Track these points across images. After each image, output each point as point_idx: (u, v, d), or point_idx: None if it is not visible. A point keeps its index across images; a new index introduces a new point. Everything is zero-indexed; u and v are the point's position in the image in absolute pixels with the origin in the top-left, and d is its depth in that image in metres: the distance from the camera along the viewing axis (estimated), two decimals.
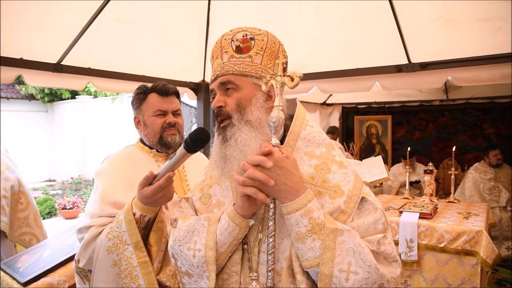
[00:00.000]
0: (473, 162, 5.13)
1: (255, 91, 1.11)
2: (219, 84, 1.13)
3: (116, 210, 1.45)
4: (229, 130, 1.10)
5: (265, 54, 1.12)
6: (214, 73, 1.16)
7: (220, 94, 1.13)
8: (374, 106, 6.81)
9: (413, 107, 6.56)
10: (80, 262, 1.45)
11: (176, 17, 3.13)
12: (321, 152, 1.12)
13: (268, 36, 1.14)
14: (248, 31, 1.13)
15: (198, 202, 1.24)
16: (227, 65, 1.12)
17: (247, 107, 1.10)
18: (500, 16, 2.50)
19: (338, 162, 1.11)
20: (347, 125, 7.23)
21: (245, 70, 1.10)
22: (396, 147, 6.85)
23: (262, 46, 1.11)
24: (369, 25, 2.98)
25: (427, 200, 3.66)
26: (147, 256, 1.34)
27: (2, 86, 12.68)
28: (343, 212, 1.04)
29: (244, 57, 1.11)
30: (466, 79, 2.90)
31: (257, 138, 1.08)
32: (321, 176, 1.08)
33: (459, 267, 2.78)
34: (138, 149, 1.72)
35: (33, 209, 2.73)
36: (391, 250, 1.02)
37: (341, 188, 1.06)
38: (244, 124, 1.09)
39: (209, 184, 1.25)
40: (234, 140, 1.08)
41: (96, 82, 3.18)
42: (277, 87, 1.03)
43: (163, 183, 1.23)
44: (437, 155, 6.51)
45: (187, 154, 1.19)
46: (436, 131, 6.57)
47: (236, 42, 1.11)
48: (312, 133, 1.14)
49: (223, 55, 1.13)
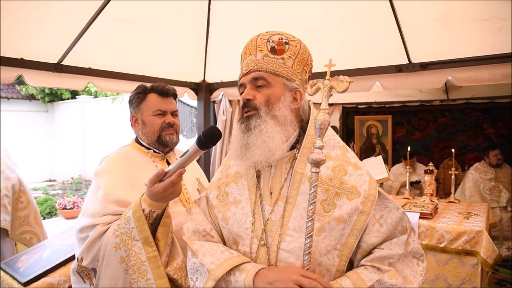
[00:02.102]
0: (473, 162, 5.12)
1: (284, 91, 1.17)
2: (251, 78, 1.18)
3: (119, 208, 1.47)
4: (254, 120, 1.15)
5: (296, 59, 1.18)
6: (246, 68, 1.20)
7: (251, 88, 1.18)
8: (374, 106, 6.81)
9: (413, 107, 6.55)
10: (84, 261, 1.46)
11: (176, 17, 3.13)
12: (337, 154, 1.18)
13: (301, 44, 1.20)
14: (283, 35, 1.19)
15: (215, 200, 1.29)
16: (261, 62, 1.17)
17: (275, 104, 1.15)
18: (500, 16, 2.50)
19: (353, 164, 1.16)
20: (347, 125, 7.22)
21: (278, 70, 1.16)
22: (396, 147, 6.84)
23: (295, 51, 1.18)
24: (369, 25, 2.98)
25: (427, 200, 3.66)
26: (156, 251, 1.37)
27: (2, 86, 12.67)
28: (362, 213, 1.08)
29: (277, 58, 1.17)
30: (466, 79, 2.89)
31: (280, 133, 1.14)
32: (338, 177, 1.13)
33: (460, 267, 2.77)
34: (134, 149, 1.74)
35: (33, 208, 2.74)
36: (418, 246, 1.12)
37: (358, 189, 1.10)
38: (270, 118, 1.14)
39: (225, 182, 1.29)
40: (259, 130, 1.13)
41: (96, 82, 3.18)
42: (324, 90, 1.07)
43: (175, 179, 1.26)
44: (437, 155, 6.50)
45: (199, 151, 1.23)
46: (436, 131, 6.57)
47: (272, 43, 1.17)
48: (327, 136, 1.19)
49: (257, 52, 1.18)
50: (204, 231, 1.26)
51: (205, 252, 1.16)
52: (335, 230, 1.08)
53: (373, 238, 1.10)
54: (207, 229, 1.26)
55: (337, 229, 1.08)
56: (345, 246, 1.09)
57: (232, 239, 1.22)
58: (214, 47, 3.61)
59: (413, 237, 1.10)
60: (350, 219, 1.08)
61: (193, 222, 1.28)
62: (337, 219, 1.08)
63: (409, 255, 1.09)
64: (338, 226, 1.08)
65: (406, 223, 1.10)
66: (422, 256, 1.12)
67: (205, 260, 1.13)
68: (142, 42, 3.23)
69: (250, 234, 1.17)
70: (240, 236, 1.19)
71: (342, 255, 1.09)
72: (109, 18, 2.77)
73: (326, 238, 1.08)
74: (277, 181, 1.18)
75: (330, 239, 1.08)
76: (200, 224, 1.27)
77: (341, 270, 1.10)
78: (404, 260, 1.09)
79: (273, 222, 1.14)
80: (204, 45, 3.57)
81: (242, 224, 1.19)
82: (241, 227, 1.19)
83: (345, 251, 1.09)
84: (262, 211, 1.17)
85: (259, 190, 1.21)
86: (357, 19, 2.98)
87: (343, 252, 1.09)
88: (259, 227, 1.16)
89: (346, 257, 1.09)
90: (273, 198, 1.18)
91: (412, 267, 1.09)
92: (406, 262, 1.09)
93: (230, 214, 1.23)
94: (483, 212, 3.27)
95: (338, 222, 1.08)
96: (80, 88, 3.15)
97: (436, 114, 6.55)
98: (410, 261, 1.10)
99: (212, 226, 1.28)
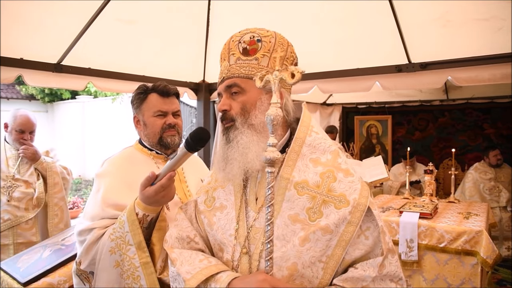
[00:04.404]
0: (473, 162, 5.13)
1: (260, 95, 1.11)
2: (225, 87, 1.13)
3: (117, 211, 1.45)
4: (232, 132, 1.11)
5: (272, 56, 1.10)
6: (220, 76, 1.15)
7: (226, 97, 1.13)
8: (374, 106, 6.81)
9: (413, 107, 6.56)
10: (81, 264, 1.45)
11: (176, 17, 3.13)
12: (327, 159, 1.10)
13: (276, 37, 1.12)
14: (255, 33, 1.12)
15: (202, 204, 1.24)
16: (233, 68, 1.12)
17: (251, 111, 1.10)
18: (500, 16, 2.50)
19: (344, 170, 1.08)
20: (347, 125, 7.23)
21: (251, 73, 1.09)
22: (396, 147, 6.85)
23: (269, 48, 1.10)
24: (369, 25, 2.98)
25: (427, 200, 3.66)
26: (149, 257, 1.34)
27: (2, 86, 12.66)
28: (350, 223, 1.01)
29: (250, 60, 1.10)
30: (466, 79, 2.89)
31: (259, 142, 1.08)
32: (326, 184, 1.06)
33: (459, 267, 2.78)
34: (137, 151, 1.71)
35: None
36: (395, 269, 1.02)
37: (347, 197, 1.03)
38: (247, 128, 1.09)
39: (214, 186, 1.25)
40: (236, 142, 1.09)
41: (96, 82, 3.18)
42: (274, 82, 0.99)
43: (165, 182, 1.24)
44: (437, 155, 6.51)
45: (188, 154, 1.20)
46: (436, 131, 6.57)
47: (243, 44, 1.11)
48: (317, 139, 1.12)
49: (230, 57, 1.13)
50: (188, 237, 1.20)
51: (183, 261, 1.11)
52: (321, 241, 1.01)
53: (357, 250, 1.03)
54: (191, 235, 1.21)
55: (323, 240, 1.01)
56: (331, 258, 1.01)
57: (217, 246, 1.17)
58: (214, 47, 3.60)
59: (390, 259, 1.02)
60: (337, 229, 1.01)
61: (177, 229, 1.23)
62: (323, 229, 1.01)
63: (385, 279, 1.01)
64: (324, 236, 1.01)
65: (383, 244, 1.01)
66: (401, 280, 1.04)
67: (182, 269, 1.09)
68: (142, 42, 3.23)
69: (233, 241, 1.12)
70: (224, 243, 1.14)
71: (327, 268, 1.02)
72: (109, 18, 2.77)
73: (310, 249, 1.01)
74: (263, 187, 1.12)
75: (315, 251, 1.01)
76: (183, 231, 1.22)
77: (325, 283, 1.03)
78: (380, 283, 1.01)
79: (256, 229, 1.09)
80: (204, 45, 3.57)
81: (226, 231, 1.14)
82: (224, 234, 1.14)
83: (331, 264, 1.02)
84: (246, 218, 1.12)
85: (245, 196, 1.16)
86: (357, 19, 2.98)
87: (329, 265, 1.02)
88: (242, 234, 1.11)
89: (331, 270, 1.02)
90: (258, 204, 1.12)
91: None
92: (381, 286, 1.01)
93: (215, 219, 1.18)
94: (483, 212, 3.27)
95: (324, 233, 1.01)
96: (80, 88, 3.15)
97: (436, 114, 6.56)
98: (387, 284, 1.01)
99: (197, 233, 1.22)
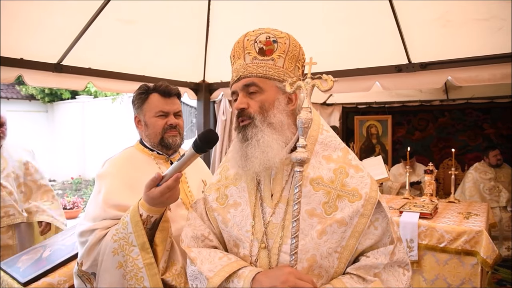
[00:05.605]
0: (473, 162, 5.12)
1: (277, 94, 1.13)
2: (242, 85, 1.14)
3: (119, 212, 1.44)
4: (250, 130, 1.12)
5: (287, 57, 1.14)
6: (236, 74, 1.16)
7: (243, 96, 1.15)
8: (374, 106, 6.81)
9: (413, 107, 6.55)
10: (83, 265, 1.45)
11: (176, 17, 3.13)
12: (338, 156, 1.16)
13: (290, 39, 1.15)
14: (271, 33, 1.14)
15: (215, 202, 1.27)
16: (250, 67, 1.13)
17: (270, 110, 1.12)
18: (500, 16, 2.50)
19: (354, 165, 1.15)
20: (347, 125, 7.22)
21: (269, 73, 1.12)
22: (396, 147, 6.84)
23: (284, 49, 1.13)
24: (369, 25, 2.98)
25: (427, 200, 3.66)
26: (152, 258, 1.34)
27: (2, 86, 12.66)
28: (362, 215, 1.08)
29: (267, 60, 1.13)
30: (466, 79, 2.89)
31: (279, 140, 1.11)
32: (340, 180, 1.12)
33: (459, 267, 2.77)
34: (138, 151, 1.70)
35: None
36: (403, 256, 1.12)
37: (359, 191, 1.10)
38: (266, 126, 1.11)
39: (225, 184, 1.27)
40: (256, 141, 1.11)
41: (96, 82, 3.18)
42: (306, 89, 1.03)
43: (171, 183, 1.23)
44: (437, 155, 6.50)
45: (196, 155, 1.20)
46: (436, 131, 6.57)
47: (260, 44, 1.13)
48: (328, 137, 1.19)
49: (246, 56, 1.14)
50: (203, 235, 1.24)
51: (203, 259, 1.15)
52: (337, 233, 1.08)
53: (368, 240, 1.10)
54: (205, 233, 1.25)
55: (339, 232, 1.08)
56: (345, 248, 1.09)
57: (232, 242, 1.21)
58: (214, 47, 3.60)
59: (399, 247, 1.11)
60: (351, 221, 1.08)
61: (191, 228, 1.26)
62: (339, 221, 1.08)
63: (394, 265, 1.10)
64: (339, 229, 1.08)
65: (393, 233, 1.09)
66: (408, 266, 1.13)
67: (203, 268, 1.12)
68: (142, 42, 3.23)
69: (250, 237, 1.15)
70: (240, 239, 1.17)
71: (342, 257, 1.09)
72: (109, 18, 2.77)
73: (327, 241, 1.08)
74: (278, 183, 1.17)
75: (332, 242, 1.08)
76: (198, 229, 1.25)
77: (340, 272, 1.10)
78: (390, 270, 1.10)
79: (274, 224, 1.13)
80: (204, 45, 3.57)
81: (242, 227, 1.18)
82: (241, 230, 1.18)
83: (345, 254, 1.09)
84: (262, 214, 1.16)
85: (260, 192, 1.19)
86: (357, 19, 2.98)
87: (343, 255, 1.09)
88: (259, 230, 1.15)
89: (345, 259, 1.09)
90: (274, 200, 1.16)
91: (398, 277, 1.10)
92: (391, 272, 1.10)
93: (230, 216, 1.21)
94: (483, 212, 3.27)
95: (340, 225, 1.08)
96: (80, 88, 3.15)
97: (436, 114, 6.56)
98: (396, 270, 1.10)
99: (210, 230, 1.26)
